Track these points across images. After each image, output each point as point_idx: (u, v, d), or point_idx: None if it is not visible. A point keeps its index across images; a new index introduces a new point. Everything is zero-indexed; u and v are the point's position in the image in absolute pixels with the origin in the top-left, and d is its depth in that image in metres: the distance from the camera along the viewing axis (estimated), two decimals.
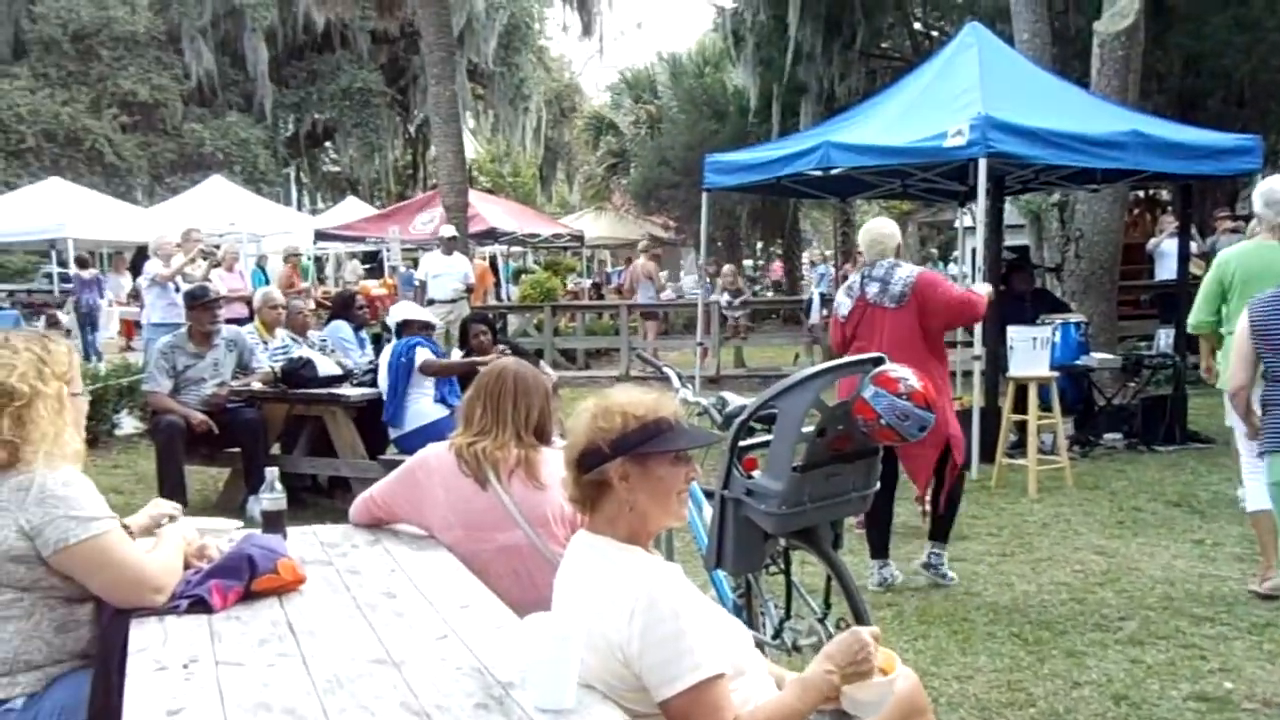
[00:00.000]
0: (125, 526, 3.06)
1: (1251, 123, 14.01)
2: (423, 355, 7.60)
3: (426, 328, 8.07)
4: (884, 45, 24.96)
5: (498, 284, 22.74)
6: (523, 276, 27.09)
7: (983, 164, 9.08)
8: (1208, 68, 17.26)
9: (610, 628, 2.41)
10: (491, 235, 22.42)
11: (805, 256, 39.53)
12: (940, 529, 6.13)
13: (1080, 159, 9.62)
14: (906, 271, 6.06)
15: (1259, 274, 5.69)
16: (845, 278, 17.76)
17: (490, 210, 22.71)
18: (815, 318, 16.65)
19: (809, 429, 4.08)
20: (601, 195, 39.88)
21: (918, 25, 25.12)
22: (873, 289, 6.08)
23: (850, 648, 2.49)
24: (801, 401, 4.03)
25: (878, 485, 4.28)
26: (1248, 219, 17.10)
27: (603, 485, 2.58)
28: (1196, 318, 5.94)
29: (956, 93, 9.91)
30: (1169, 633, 5.21)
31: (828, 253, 35.70)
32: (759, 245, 41.37)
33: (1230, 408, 5.35)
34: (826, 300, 16.84)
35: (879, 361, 4.19)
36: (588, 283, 28.68)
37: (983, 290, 6.24)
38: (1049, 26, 15.17)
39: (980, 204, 9.50)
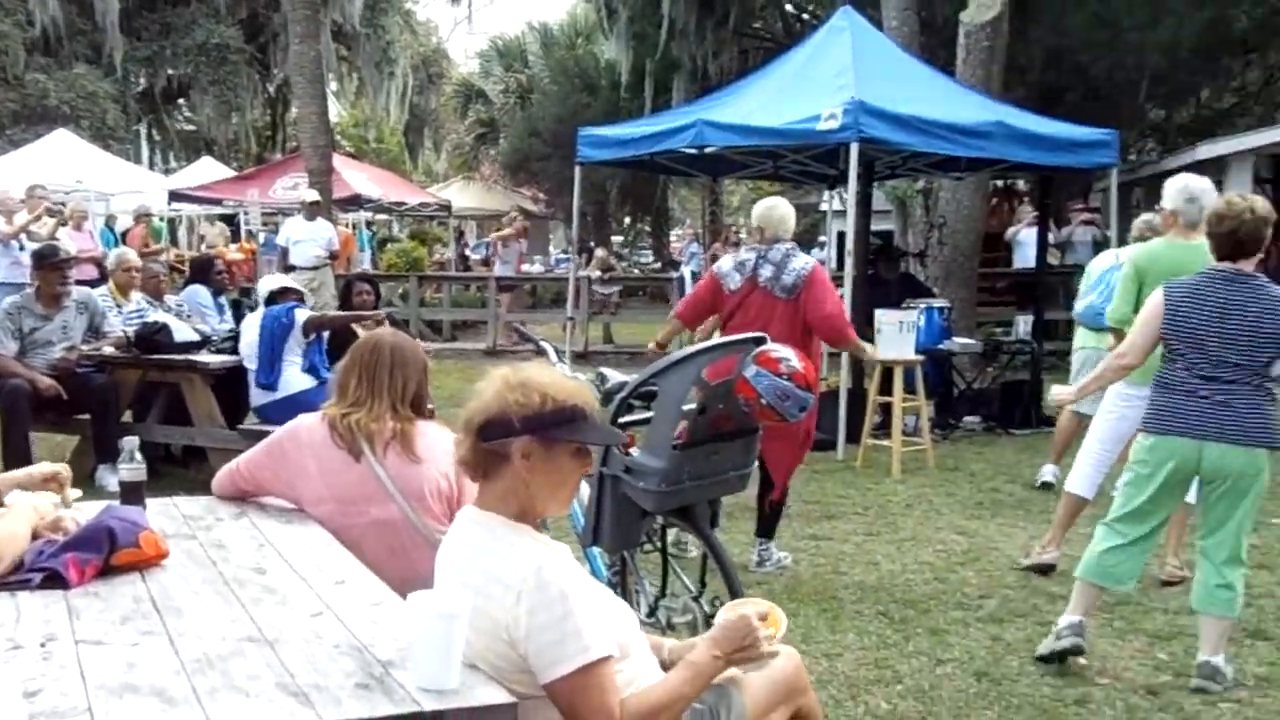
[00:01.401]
0: None
1: (1104, 118, 14.46)
2: (303, 314, 7.43)
3: (300, 297, 7.88)
4: (756, 25, 25.16)
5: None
6: (388, 245, 26.62)
7: (854, 148, 9.22)
8: (1068, 63, 17.80)
9: (497, 607, 2.36)
10: (356, 202, 21.95)
11: (674, 234, 39.71)
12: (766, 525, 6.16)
13: (949, 147, 9.84)
14: (801, 263, 6.06)
15: (1177, 272, 5.74)
16: (715, 257, 17.89)
17: (355, 176, 22.23)
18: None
19: (689, 406, 4.08)
20: (470, 165, 39.38)
21: (789, 7, 25.37)
22: (766, 272, 6.05)
23: (738, 633, 2.51)
24: (684, 379, 4.03)
25: (755, 464, 4.31)
26: (1099, 210, 17.67)
27: (501, 458, 2.52)
28: (1120, 312, 5.95)
29: (830, 76, 10.04)
30: (1027, 610, 5.39)
31: (693, 232, 35.90)
32: (627, 221, 41.43)
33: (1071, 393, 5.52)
34: (698, 279, 16.90)
35: (760, 341, 4.21)
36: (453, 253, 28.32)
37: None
38: (916, 14, 15.47)
39: (851, 188, 9.66)
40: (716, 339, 4.84)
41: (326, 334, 7.63)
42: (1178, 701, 4.33)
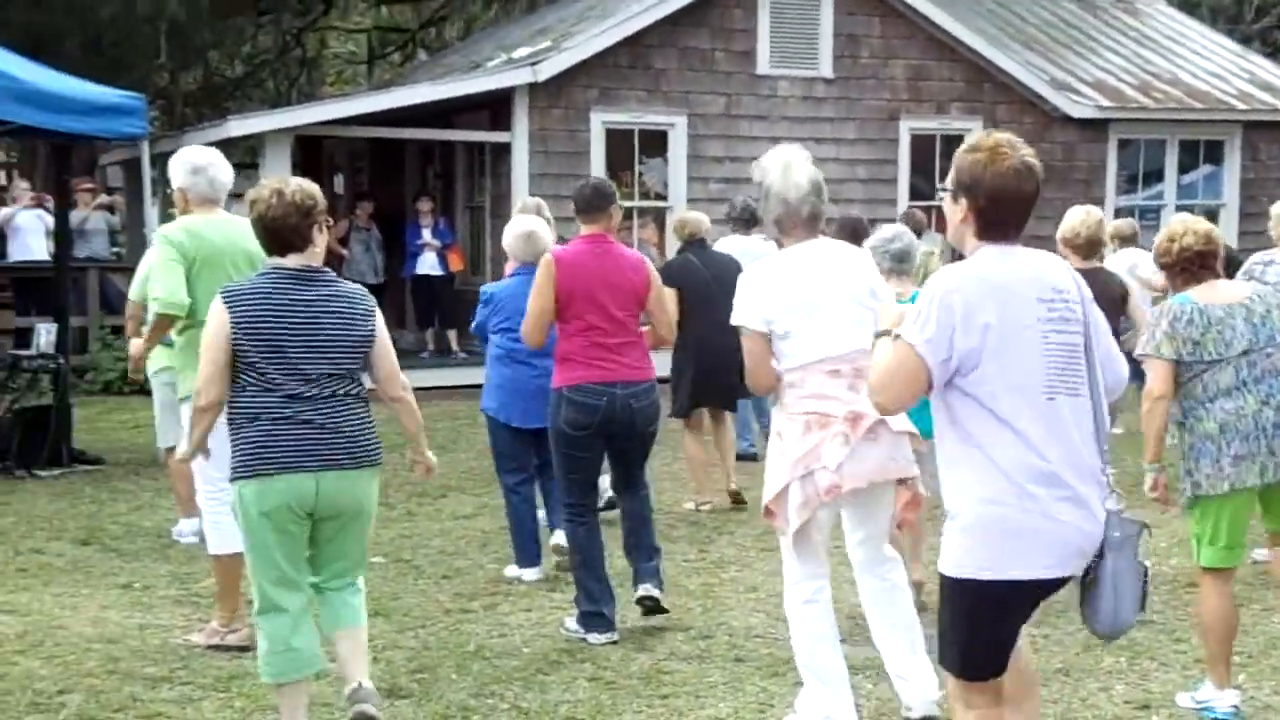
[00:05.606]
0: None
1: (111, 75, 13.80)
2: None
3: None
4: None
5: None
6: None
7: None
8: (61, 3, 16.67)
9: None
10: None
11: None
12: None
13: None
14: None
15: (224, 251, 5.41)
16: None
17: None
18: None
19: None
20: None
21: None
22: None
23: None
24: None
25: None
26: (112, 191, 16.89)
27: None
28: (177, 298, 5.46)
29: None
30: (125, 703, 4.86)
31: None
32: None
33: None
34: None
35: None
36: None
37: None
38: None
39: None
40: None
41: None
42: None
